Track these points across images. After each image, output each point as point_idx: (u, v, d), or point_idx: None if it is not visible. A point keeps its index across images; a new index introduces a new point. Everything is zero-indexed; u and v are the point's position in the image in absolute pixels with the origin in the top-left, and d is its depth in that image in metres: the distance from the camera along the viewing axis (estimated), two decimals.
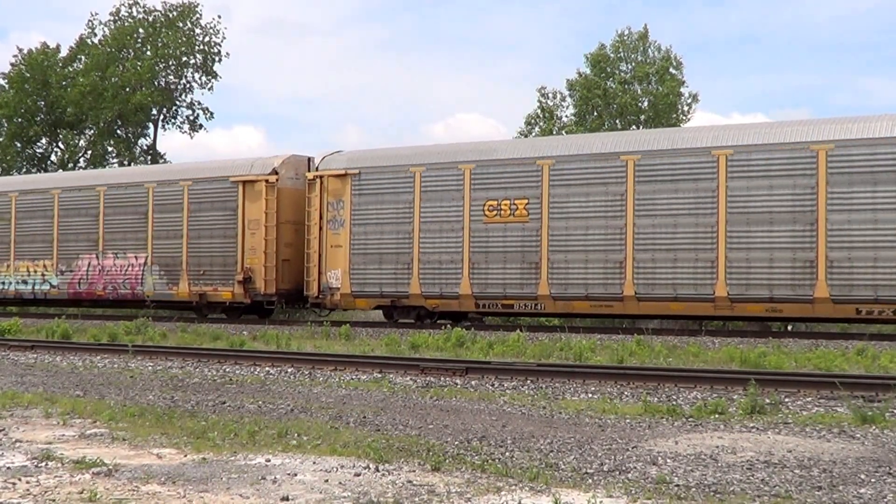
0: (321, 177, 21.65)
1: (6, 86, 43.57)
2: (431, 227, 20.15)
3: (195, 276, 23.13)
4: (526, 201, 19.15)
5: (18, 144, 44.17)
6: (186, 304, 23.70)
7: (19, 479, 5.90)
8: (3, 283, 26.51)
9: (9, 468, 6.30)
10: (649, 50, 37.87)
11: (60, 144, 44.52)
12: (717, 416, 8.82)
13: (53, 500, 5.35)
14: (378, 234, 20.79)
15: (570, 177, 18.86)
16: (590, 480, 5.97)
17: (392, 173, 20.78)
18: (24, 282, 26.05)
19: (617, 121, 37.09)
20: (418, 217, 20.31)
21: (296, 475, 6.04)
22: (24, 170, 43.93)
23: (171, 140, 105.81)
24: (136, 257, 24.04)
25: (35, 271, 25.88)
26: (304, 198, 22.10)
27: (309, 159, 22.81)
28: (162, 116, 44.54)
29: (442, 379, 12.04)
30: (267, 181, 22.26)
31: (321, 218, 21.51)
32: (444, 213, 20.02)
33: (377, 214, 20.86)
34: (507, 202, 19.34)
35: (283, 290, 22.27)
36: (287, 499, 5.40)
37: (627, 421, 8.58)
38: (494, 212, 19.48)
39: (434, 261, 20.06)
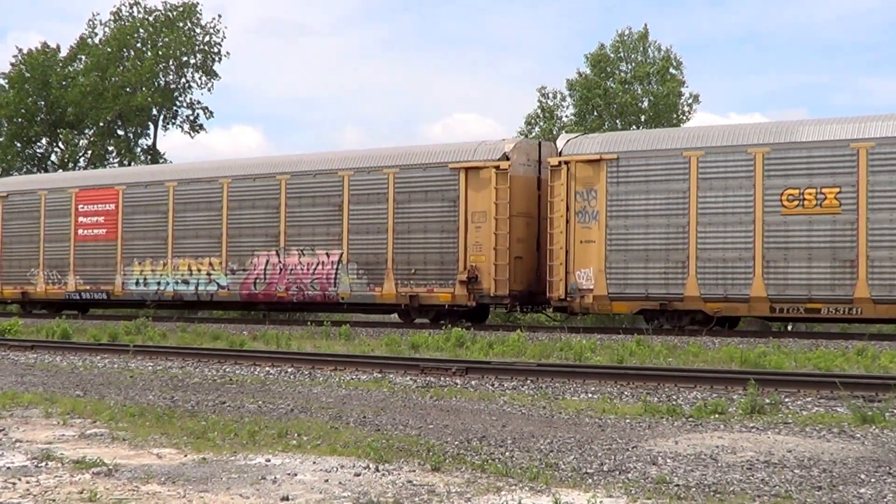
0: (567, 163, 19.06)
1: (6, 86, 43.57)
2: (712, 220, 17.91)
3: (404, 276, 20.46)
4: (837, 190, 17.04)
5: (18, 144, 44.17)
6: (391, 306, 21.35)
7: (19, 479, 5.90)
8: (160, 283, 23.82)
9: (9, 468, 6.30)
10: (649, 50, 37.90)
11: (60, 144, 44.53)
12: (717, 416, 8.81)
13: (53, 500, 5.35)
14: (643, 227, 18.41)
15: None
16: (590, 480, 5.97)
17: (661, 158, 18.37)
18: (185, 282, 23.38)
19: (617, 121, 37.10)
20: (695, 208, 18.00)
21: (296, 475, 6.03)
22: (25, 170, 43.89)
23: (170, 140, 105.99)
24: (327, 255, 21.36)
25: (199, 270, 23.17)
26: (534, 187, 20.05)
27: (539, 143, 21.08)
28: (162, 116, 44.56)
29: (442, 379, 12.03)
30: (497, 167, 19.55)
31: (567, 209, 19.00)
32: (729, 204, 17.81)
33: (642, 205, 18.45)
34: (812, 191, 17.17)
35: (515, 290, 19.76)
36: (287, 499, 5.39)
37: (627, 421, 8.58)
38: (795, 202, 17.32)
39: (716, 258, 17.83)
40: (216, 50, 43.65)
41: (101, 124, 42.73)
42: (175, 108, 44.45)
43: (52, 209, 26.08)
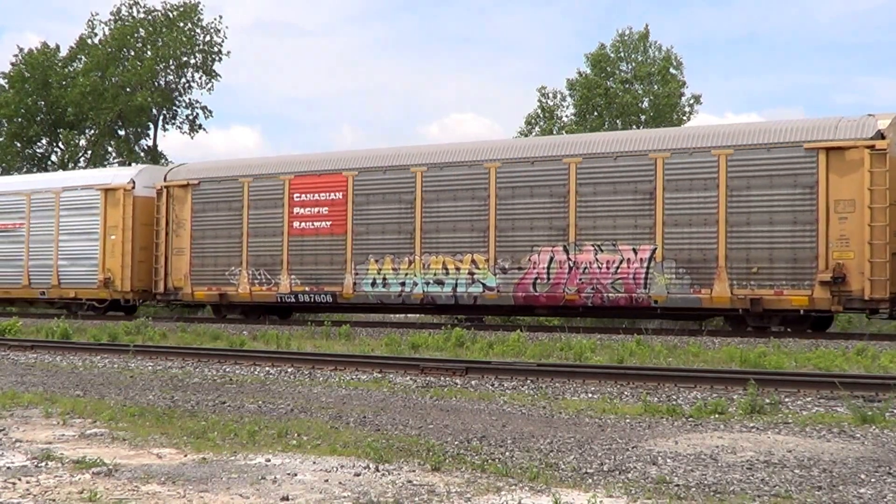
0: None
1: (6, 86, 43.58)
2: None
3: (741, 276, 17.54)
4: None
5: (18, 144, 44.18)
6: (721, 311, 18.41)
7: (19, 479, 5.90)
8: (404, 283, 20.64)
9: (9, 468, 6.30)
10: (650, 50, 37.89)
11: (60, 144, 44.53)
12: (717, 415, 8.82)
13: (53, 500, 5.35)
14: None
15: None
16: (590, 480, 5.97)
17: None
18: (439, 283, 20.19)
19: (618, 121, 37.10)
20: None
21: (296, 475, 6.04)
22: (25, 169, 43.89)
23: (170, 140, 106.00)
24: (634, 251, 18.38)
25: (458, 269, 20.03)
26: None
27: None
28: (162, 116, 44.57)
29: (442, 379, 12.04)
30: (872, 148, 16.53)
31: None
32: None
33: None
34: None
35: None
36: (287, 499, 5.40)
37: (627, 421, 8.58)
38: None
39: None
40: (217, 50, 43.68)
41: (102, 124, 42.73)
42: (175, 108, 44.46)
43: (259, 199, 22.62)
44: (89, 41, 43.67)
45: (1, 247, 26.82)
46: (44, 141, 45.27)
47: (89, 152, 44.33)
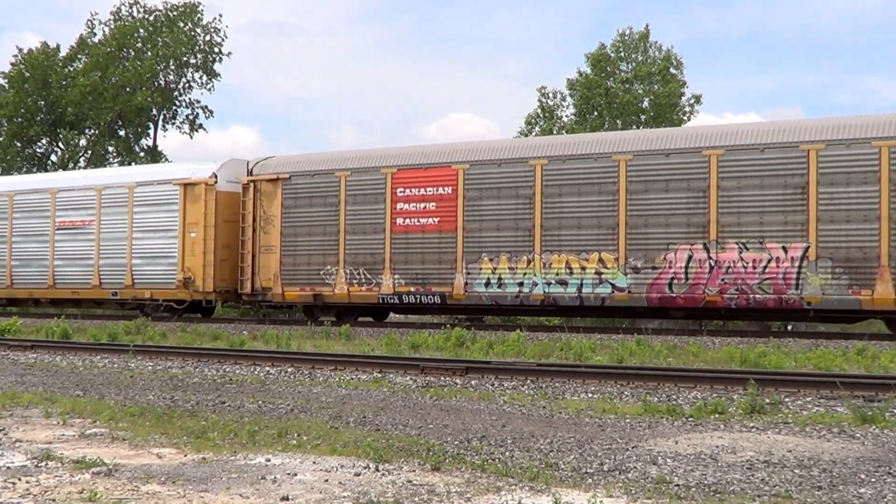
0: None
1: (6, 86, 43.59)
2: None
3: None
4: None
5: (18, 144, 44.20)
6: (883, 314, 17.15)
7: (19, 479, 5.90)
8: (522, 283, 19.22)
9: (9, 468, 6.29)
10: (650, 50, 37.90)
11: (60, 144, 44.55)
12: (717, 415, 8.82)
13: (53, 500, 5.35)
14: None
15: None
16: (590, 480, 5.97)
17: None
18: (562, 283, 18.82)
19: (618, 121, 37.11)
20: None
21: (296, 475, 6.03)
22: (25, 169, 43.91)
23: (169, 140, 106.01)
24: (784, 249, 17.18)
25: (583, 268, 18.72)
26: None
27: None
28: (162, 116, 44.59)
29: (442, 379, 12.04)
30: None
31: None
32: None
33: None
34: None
35: None
36: (287, 498, 5.39)
37: (627, 421, 8.58)
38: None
39: None
40: (217, 50, 43.70)
41: (102, 124, 42.74)
42: (175, 107, 44.48)
43: (358, 193, 21.32)
44: (89, 41, 43.70)
45: (68, 245, 25.40)
46: (44, 141, 45.31)
47: (89, 152, 44.36)
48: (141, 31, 43.13)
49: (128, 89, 42.08)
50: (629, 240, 18.32)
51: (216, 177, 23.11)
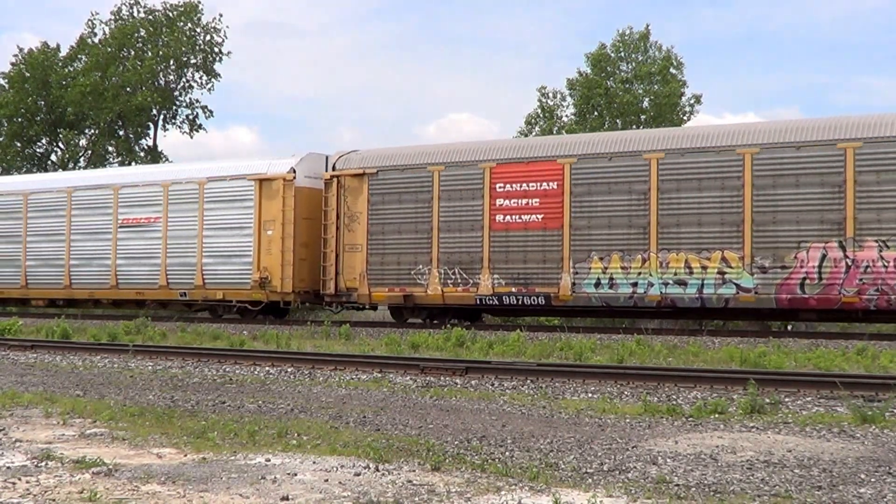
0: None
1: (6, 86, 43.60)
2: None
3: None
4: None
5: (18, 144, 44.20)
6: None
7: (19, 479, 5.90)
8: (636, 284, 18.13)
9: (9, 468, 6.29)
10: (650, 50, 37.91)
11: (60, 144, 44.56)
12: (717, 415, 8.82)
13: (53, 500, 5.35)
14: None
15: None
16: (590, 480, 5.97)
17: None
18: (681, 283, 17.70)
19: (618, 121, 37.12)
20: None
21: (296, 475, 6.03)
22: (25, 169, 43.92)
23: (169, 140, 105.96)
24: None
25: (704, 268, 17.60)
26: None
27: None
28: (162, 116, 44.60)
29: (442, 379, 12.04)
30: None
31: None
32: None
33: None
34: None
35: None
36: (287, 498, 5.39)
37: (627, 421, 8.58)
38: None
39: None
40: (217, 50, 43.71)
41: (102, 124, 42.74)
42: (175, 107, 44.49)
43: (452, 189, 20.09)
44: (89, 41, 43.70)
45: (133, 243, 24.26)
46: (44, 141, 45.31)
47: (89, 152, 44.36)
48: (141, 31, 43.13)
49: (128, 89, 42.09)
50: (755, 237, 17.28)
51: (295, 172, 22.11)
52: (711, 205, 17.67)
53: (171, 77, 43.90)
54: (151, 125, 44.89)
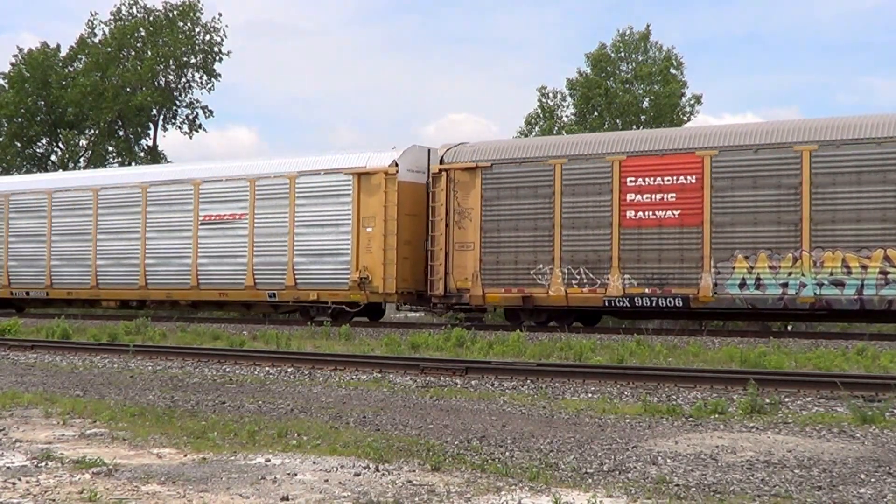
0: None
1: (6, 86, 43.60)
2: None
3: None
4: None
5: (18, 144, 44.21)
6: None
7: (19, 479, 5.90)
8: (787, 284, 16.96)
9: (9, 468, 6.29)
10: (651, 50, 37.92)
11: (60, 144, 44.57)
12: (717, 415, 8.82)
13: (53, 500, 5.35)
14: None
15: None
16: (590, 480, 5.97)
17: None
18: (838, 283, 16.58)
19: (618, 120, 37.12)
20: None
21: (296, 475, 6.03)
22: (25, 169, 43.93)
23: (169, 140, 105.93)
24: None
25: (864, 267, 16.45)
26: None
27: None
28: (162, 116, 44.61)
29: (442, 379, 12.03)
30: None
31: None
32: None
33: None
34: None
35: None
36: (287, 498, 5.39)
37: (627, 421, 8.58)
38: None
39: None
40: (217, 49, 43.71)
41: (102, 124, 42.74)
42: (175, 107, 44.50)
43: (577, 183, 18.90)
44: (89, 41, 43.70)
45: (216, 241, 22.97)
46: (44, 141, 45.32)
47: (89, 152, 44.37)
48: (141, 30, 43.14)
49: (128, 89, 42.09)
50: None
51: (397, 165, 20.76)
52: (872, 200, 16.41)
53: (171, 77, 43.92)
54: (151, 125, 44.90)
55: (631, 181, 18.32)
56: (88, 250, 24.98)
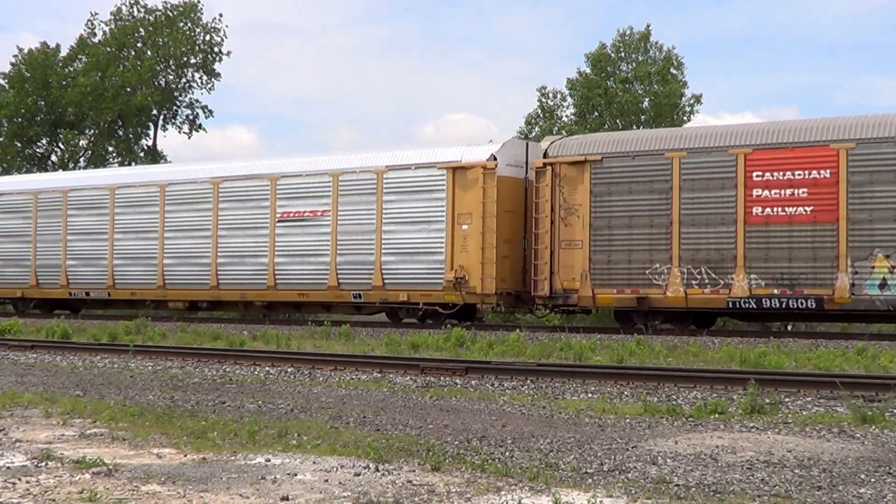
0: None
1: (6, 86, 43.59)
2: None
3: None
4: None
5: (18, 144, 44.19)
6: None
7: (19, 479, 5.90)
8: (888, 283, 16.26)
9: (9, 468, 6.29)
10: (651, 50, 37.91)
11: (60, 144, 44.56)
12: (717, 415, 8.82)
13: (53, 500, 5.35)
14: None
15: None
16: (590, 480, 5.97)
17: None
18: None
19: (618, 120, 37.11)
20: None
21: (296, 475, 6.03)
22: (25, 169, 43.92)
23: (168, 140, 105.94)
24: None
25: None
26: None
27: None
28: (162, 116, 44.60)
29: (442, 379, 12.04)
30: None
31: None
32: None
33: None
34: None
35: None
36: (287, 498, 5.39)
37: (627, 421, 8.58)
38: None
39: None
40: (217, 50, 43.71)
41: (102, 124, 42.74)
42: (175, 107, 44.49)
43: (697, 178, 17.94)
44: (89, 41, 43.70)
45: (295, 239, 21.98)
46: (44, 141, 45.30)
47: (89, 152, 44.37)
48: (141, 30, 43.13)
49: (128, 89, 42.08)
50: None
51: (496, 159, 19.79)
52: None
53: (171, 77, 43.91)
54: (151, 125, 44.90)
55: (757, 175, 17.36)
56: (155, 248, 24.08)
